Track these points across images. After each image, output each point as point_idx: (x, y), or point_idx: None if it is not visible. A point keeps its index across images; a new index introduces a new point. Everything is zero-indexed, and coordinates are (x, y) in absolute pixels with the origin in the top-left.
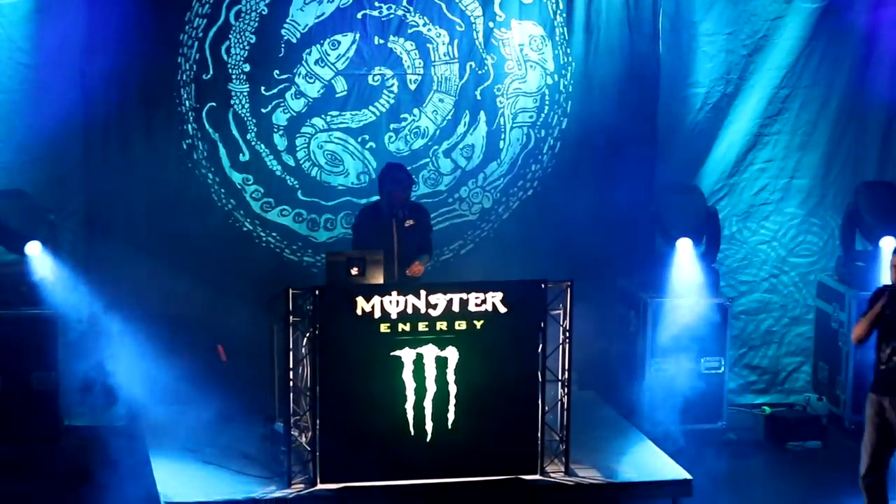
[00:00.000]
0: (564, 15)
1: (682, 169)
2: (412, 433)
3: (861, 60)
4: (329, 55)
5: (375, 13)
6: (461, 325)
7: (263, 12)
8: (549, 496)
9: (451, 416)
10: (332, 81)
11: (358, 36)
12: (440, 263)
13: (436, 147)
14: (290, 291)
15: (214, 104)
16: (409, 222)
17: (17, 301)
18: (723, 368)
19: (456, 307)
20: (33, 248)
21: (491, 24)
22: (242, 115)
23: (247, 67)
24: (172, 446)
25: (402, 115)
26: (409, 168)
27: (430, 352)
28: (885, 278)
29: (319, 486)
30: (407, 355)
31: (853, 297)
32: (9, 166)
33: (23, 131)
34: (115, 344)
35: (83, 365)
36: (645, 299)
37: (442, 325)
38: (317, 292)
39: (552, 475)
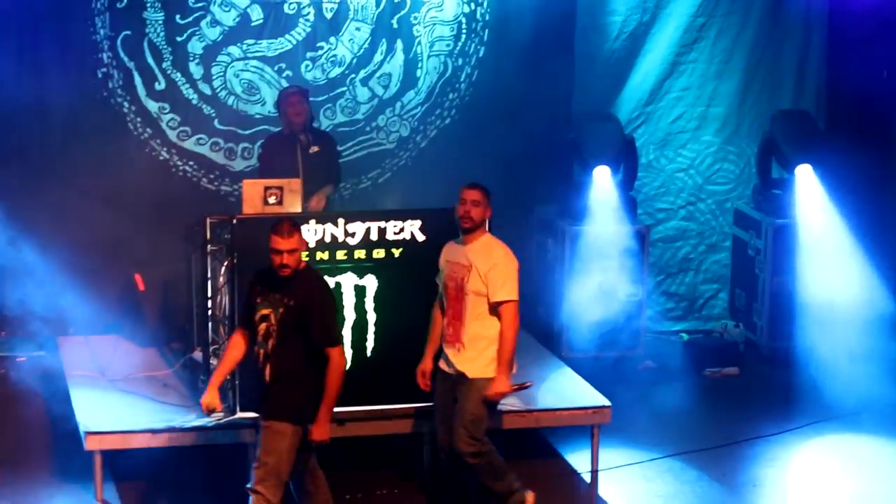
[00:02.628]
0: None
1: (600, 97)
2: None
3: None
4: None
5: None
6: (379, 254)
7: None
8: None
9: (369, 345)
10: (248, 10)
11: None
12: (358, 192)
13: (353, 76)
14: (208, 220)
15: (129, 32)
16: (314, 149)
17: None
18: (641, 296)
19: (374, 235)
20: None
21: None
22: (157, 43)
23: None
24: (90, 376)
25: (318, 44)
26: (325, 97)
27: (348, 280)
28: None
29: (239, 415)
30: None
31: (769, 225)
32: None
33: None
34: (31, 273)
35: None
36: (563, 227)
37: (360, 254)
38: (234, 221)
39: None
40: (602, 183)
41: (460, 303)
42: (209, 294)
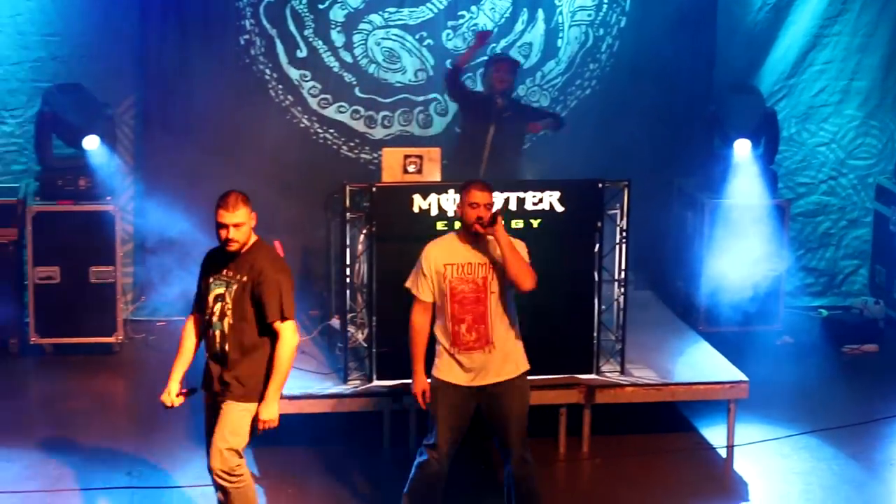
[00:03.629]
0: None
1: (741, 69)
2: None
3: None
4: None
5: None
6: (518, 224)
7: None
8: (605, 395)
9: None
10: None
11: None
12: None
13: (493, 45)
14: (347, 188)
15: (272, 0)
16: (508, 113)
17: (75, 195)
18: (780, 270)
19: (513, 206)
20: (91, 143)
21: None
22: (300, 10)
23: None
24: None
25: (459, 13)
26: (465, 66)
27: None
28: None
29: (375, 383)
30: None
31: None
32: (66, 60)
33: (80, 25)
34: (171, 239)
35: (142, 259)
36: (703, 200)
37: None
38: (374, 189)
39: (608, 375)
40: (743, 156)
41: (482, 304)
42: (348, 262)
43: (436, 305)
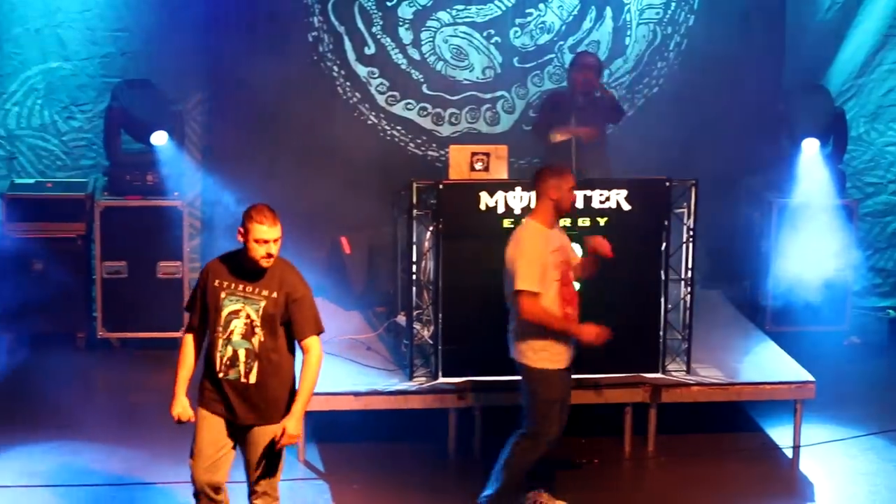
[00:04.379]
0: None
1: (810, 69)
2: None
3: None
4: None
5: None
6: (585, 223)
7: None
8: (670, 395)
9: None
10: None
11: None
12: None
13: (561, 42)
14: (415, 185)
15: None
16: (585, 110)
17: (143, 190)
18: (848, 270)
19: (580, 204)
20: (159, 138)
21: None
22: (368, 7)
23: None
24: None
25: (527, 10)
26: (533, 63)
27: None
28: None
29: (441, 380)
30: None
31: None
32: (136, 56)
33: (149, 21)
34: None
35: (209, 255)
36: (770, 199)
37: (565, 222)
38: (440, 186)
39: (674, 374)
40: (811, 155)
41: (572, 284)
42: (414, 259)
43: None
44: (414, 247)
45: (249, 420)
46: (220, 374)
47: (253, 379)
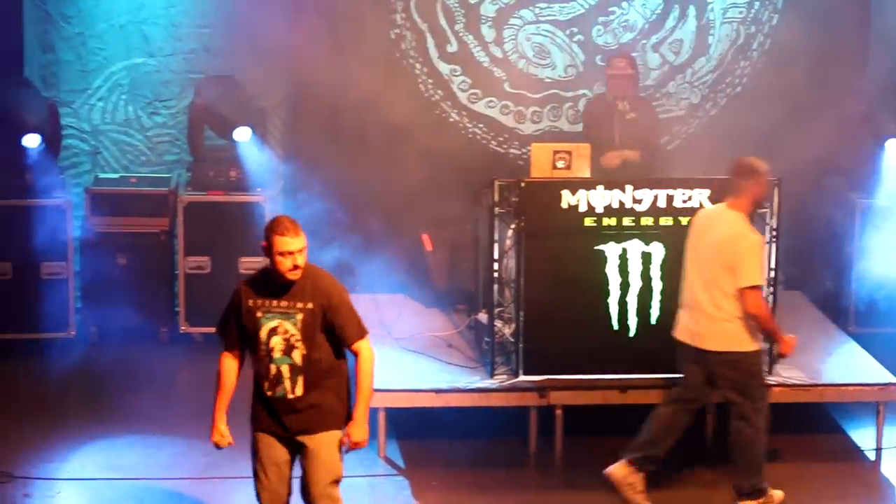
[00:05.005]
0: None
1: (894, 68)
2: (615, 328)
3: None
4: None
5: None
6: (667, 221)
7: None
8: None
9: (654, 313)
10: None
11: None
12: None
13: (644, 41)
14: (497, 183)
15: None
16: (631, 115)
17: (225, 186)
18: None
19: (662, 203)
20: (242, 134)
21: None
22: (451, 5)
23: None
24: (376, 334)
25: (610, 9)
26: None
27: (635, 247)
28: None
29: (522, 378)
30: (611, 250)
31: None
32: (220, 53)
33: (233, 18)
34: (323, 231)
35: None
36: (853, 200)
37: (647, 221)
38: (522, 184)
39: None
40: (895, 156)
41: None
42: (496, 256)
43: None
44: (496, 244)
45: (303, 432)
46: (269, 393)
47: (300, 392)
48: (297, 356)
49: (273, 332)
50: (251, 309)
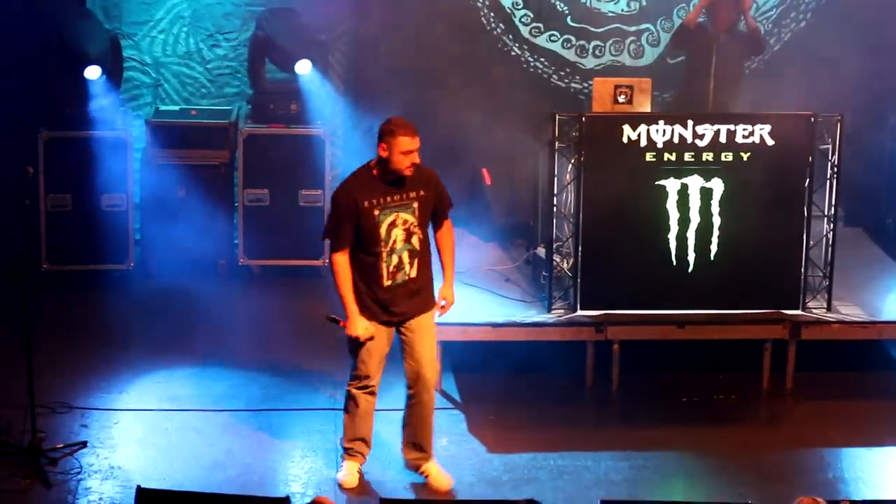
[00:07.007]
0: None
1: None
2: (674, 263)
3: None
4: None
5: None
6: (727, 157)
7: None
8: (810, 332)
9: (713, 248)
10: None
11: None
12: None
13: None
14: (557, 117)
15: None
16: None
17: (286, 119)
18: None
19: (723, 138)
20: (303, 67)
21: None
22: None
23: None
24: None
25: None
26: None
27: (695, 182)
28: None
29: (579, 313)
30: (671, 185)
31: None
32: None
33: None
34: None
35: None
36: None
37: (708, 156)
38: (583, 119)
39: (814, 311)
40: None
41: None
42: (555, 191)
43: None
44: (555, 179)
45: (416, 311)
46: (388, 283)
47: (414, 273)
48: (416, 241)
49: (392, 225)
50: (367, 209)
